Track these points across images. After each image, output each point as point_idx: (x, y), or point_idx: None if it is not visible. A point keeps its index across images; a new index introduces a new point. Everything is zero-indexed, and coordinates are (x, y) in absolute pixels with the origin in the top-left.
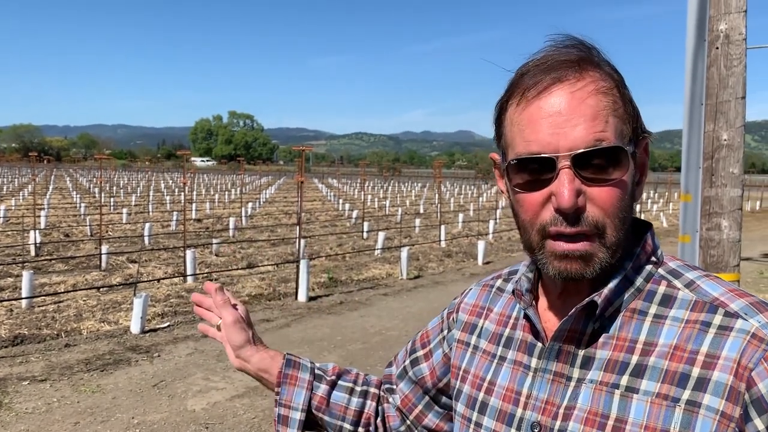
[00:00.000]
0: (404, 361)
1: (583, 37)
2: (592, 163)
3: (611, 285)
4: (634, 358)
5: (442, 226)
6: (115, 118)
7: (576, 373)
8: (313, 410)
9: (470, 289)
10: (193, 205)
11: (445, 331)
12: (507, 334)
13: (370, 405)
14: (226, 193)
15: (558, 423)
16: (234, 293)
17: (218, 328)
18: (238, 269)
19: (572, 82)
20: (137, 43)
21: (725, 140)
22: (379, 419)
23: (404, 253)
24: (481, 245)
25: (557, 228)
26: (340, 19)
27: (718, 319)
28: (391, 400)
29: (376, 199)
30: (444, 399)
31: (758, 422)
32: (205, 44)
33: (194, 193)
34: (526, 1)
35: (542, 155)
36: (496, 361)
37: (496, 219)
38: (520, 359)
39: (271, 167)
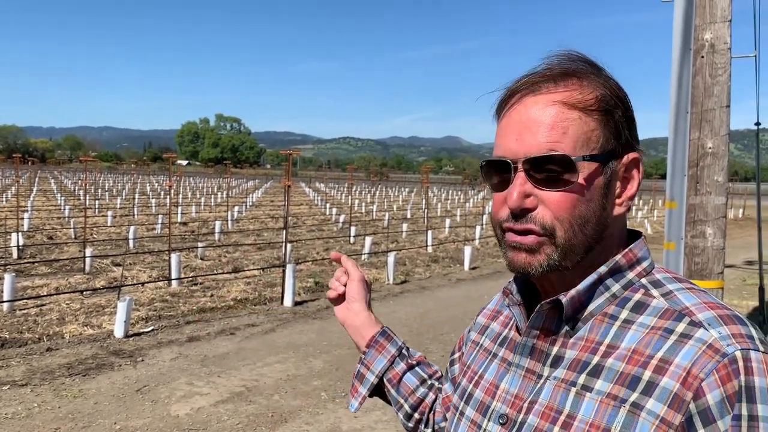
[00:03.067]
0: (447, 365)
1: (577, 53)
2: (545, 169)
3: (580, 286)
4: (595, 359)
5: (429, 232)
6: (101, 120)
7: (546, 371)
8: (385, 380)
9: (496, 296)
10: (179, 208)
11: (470, 332)
12: (504, 333)
13: (431, 397)
14: (213, 196)
15: (521, 416)
16: (219, 297)
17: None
18: (223, 273)
19: (543, 93)
20: (124, 44)
21: (710, 148)
22: (430, 412)
23: (391, 258)
24: (467, 250)
25: (508, 224)
26: (328, 25)
27: (681, 327)
28: (439, 398)
29: (363, 204)
30: None
31: None
32: (193, 47)
33: (180, 196)
34: (513, 11)
35: (502, 158)
36: (489, 357)
37: (482, 224)
38: (506, 356)
39: (258, 171)
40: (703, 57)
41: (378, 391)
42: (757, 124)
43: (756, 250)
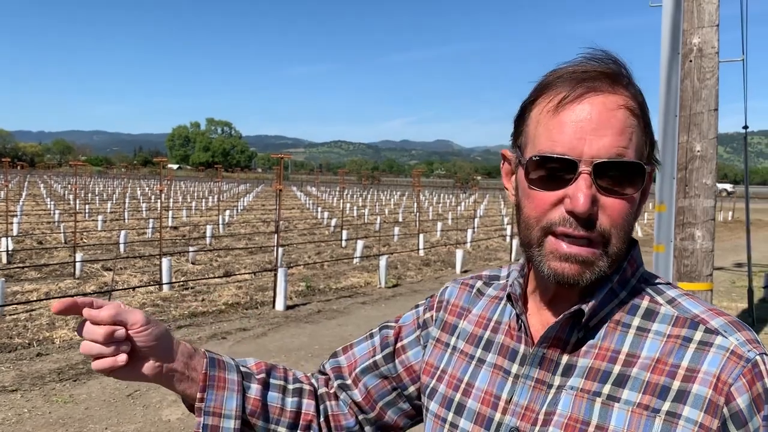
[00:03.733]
0: (373, 356)
1: (615, 54)
2: (609, 175)
3: (598, 295)
4: (617, 368)
5: (421, 235)
6: (92, 124)
7: (557, 380)
8: (248, 415)
9: (446, 287)
10: (170, 212)
11: (421, 329)
12: (487, 336)
13: (309, 404)
14: (204, 200)
15: (537, 428)
16: (210, 302)
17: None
18: (214, 277)
19: (606, 94)
20: (115, 48)
21: (698, 151)
22: (322, 419)
23: (383, 261)
24: (459, 254)
25: (565, 229)
26: (319, 29)
27: (698, 335)
28: (342, 397)
29: (355, 208)
30: (416, 398)
31: None
32: (183, 51)
33: (171, 200)
34: (504, 14)
35: (565, 156)
36: (474, 362)
37: (474, 228)
38: (501, 363)
39: (249, 175)
40: (691, 61)
41: None
42: (745, 127)
43: (745, 252)
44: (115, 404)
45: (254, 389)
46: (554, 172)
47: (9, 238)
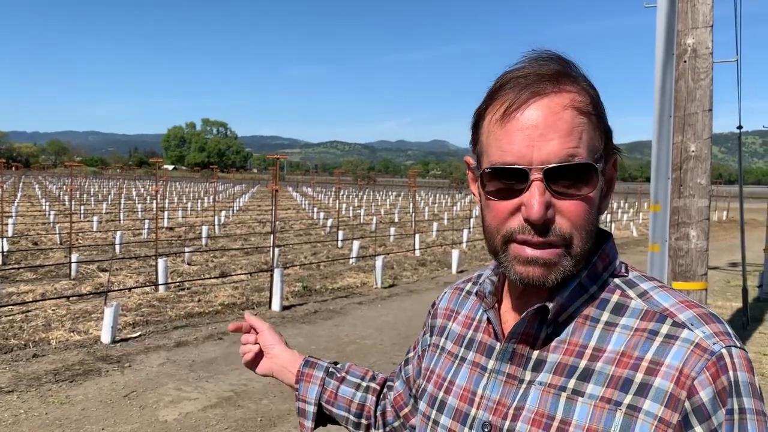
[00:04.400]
0: (402, 362)
1: (560, 52)
2: (563, 177)
3: (565, 292)
4: (583, 363)
5: (417, 235)
6: (87, 124)
7: (528, 375)
8: (323, 404)
9: (445, 293)
10: (165, 213)
11: (425, 335)
12: (469, 335)
13: (371, 399)
14: (199, 201)
15: (507, 423)
16: (207, 302)
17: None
18: (210, 278)
19: (550, 96)
20: (110, 49)
21: (693, 151)
22: (378, 412)
23: (379, 261)
24: (455, 254)
25: (524, 236)
26: (314, 29)
27: (665, 328)
28: (389, 396)
29: (350, 208)
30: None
31: (699, 429)
32: (178, 52)
33: (166, 201)
34: (502, 15)
35: (516, 166)
36: (457, 361)
37: (470, 228)
38: (478, 360)
39: (244, 175)
40: (685, 62)
41: (327, 418)
42: (740, 127)
43: (739, 251)
44: (112, 405)
45: (332, 384)
46: (508, 181)
47: (4, 239)
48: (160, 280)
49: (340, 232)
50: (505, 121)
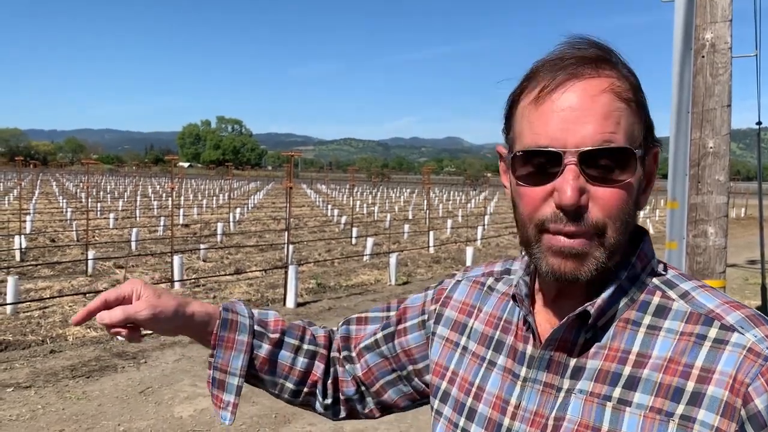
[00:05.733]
0: (374, 334)
1: (599, 39)
2: (598, 163)
3: (605, 295)
4: (627, 370)
5: (431, 232)
6: (103, 122)
7: (566, 383)
8: (256, 371)
9: (458, 282)
10: (181, 210)
11: (426, 317)
12: (497, 337)
13: (318, 366)
14: (214, 198)
15: None
16: (222, 299)
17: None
18: (225, 275)
19: (587, 79)
20: (125, 47)
21: (711, 148)
22: (329, 381)
23: (393, 258)
24: (469, 251)
25: (556, 225)
26: (329, 26)
27: (713, 332)
28: (347, 367)
29: (365, 205)
30: (416, 381)
31: None
32: (193, 49)
33: (182, 198)
34: (516, 12)
35: (549, 149)
36: (485, 365)
37: (484, 225)
38: (510, 366)
39: (259, 172)
40: (703, 57)
41: (247, 382)
42: (759, 123)
43: (758, 249)
44: (128, 401)
45: (264, 349)
46: (540, 166)
47: (22, 236)
48: (176, 277)
49: (354, 229)
50: (540, 103)
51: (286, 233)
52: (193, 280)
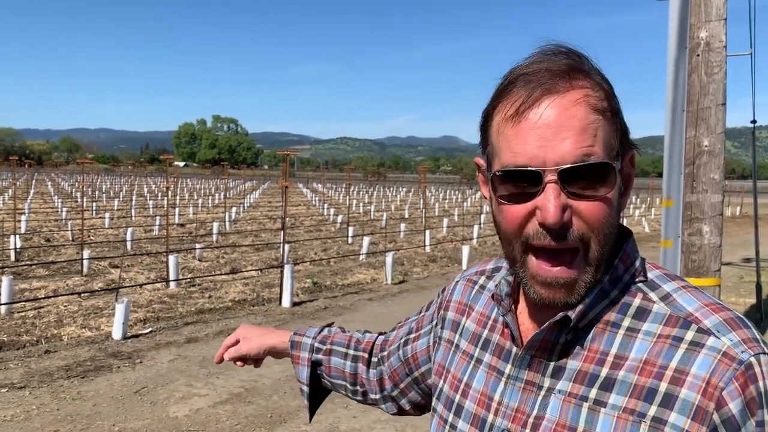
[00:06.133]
0: (400, 339)
1: (571, 45)
2: (579, 178)
3: (587, 300)
4: (604, 371)
5: (427, 231)
6: (98, 121)
7: (546, 382)
8: (322, 379)
9: (456, 282)
10: (176, 209)
11: (435, 322)
12: (485, 335)
13: (362, 368)
14: (210, 197)
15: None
16: (217, 298)
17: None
18: (221, 274)
19: (562, 93)
20: (122, 46)
21: (706, 146)
22: (374, 380)
23: (389, 258)
24: (465, 250)
25: (541, 242)
26: (325, 25)
27: (690, 335)
28: (383, 368)
29: (361, 204)
30: (423, 384)
31: None
32: (190, 48)
33: (177, 197)
34: (513, 10)
35: (528, 168)
36: (473, 363)
37: (480, 224)
38: (495, 364)
39: (255, 171)
40: (698, 55)
41: (328, 389)
42: (753, 121)
43: (753, 247)
44: (123, 401)
45: (323, 359)
46: (521, 184)
47: (17, 236)
48: (171, 277)
49: (350, 228)
50: (516, 121)
51: (282, 232)
52: (188, 280)
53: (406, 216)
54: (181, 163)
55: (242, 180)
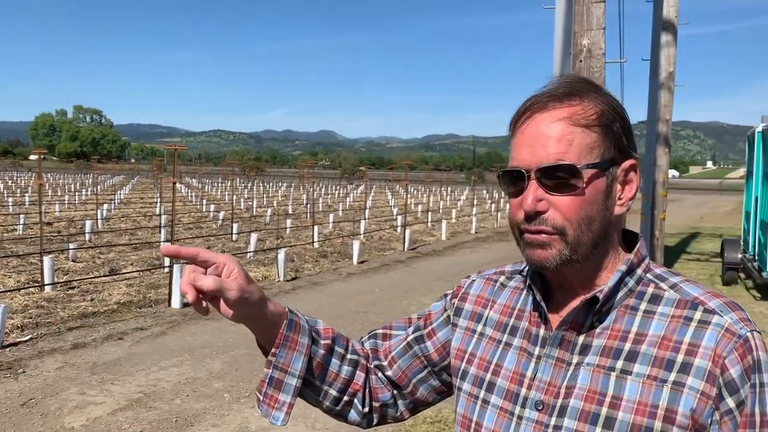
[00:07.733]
0: (404, 340)
1: (581, 77)
2: (553, 177)
3: (611, 283)
4: (627, 345)
5: (315, 227)
6: None
7: (575, 358)
8: (309, 374)
9: (473, 281)
10: (41, 206)
11: (450, 312)
12: (512, 323)
13: (360, 376)
14: (77, 193)
15: (560, 401)
16: (101, 301)
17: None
18: (101, 276)
19: (549, 110)
20: None
21: None
22: (367, 390)
23: (281, 255)
24: (356, 245)
25: (524, 225)
26: (194, 12)
27: (698, 314)
28: (380, 374)
29: (241, 200)
30: (444, 375)
31: (729, 401)
32: (46, 33)
33: (40, 193)
34: (389, 7)
35: (517, 169)
36: (501, 346)
37: (366, 219)
38: (525, 347)
39: (123, 165)
40: (581, 61)
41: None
42: None
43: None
44: (9, 415)
45: (320, 354)
46: (515, 182)
47: None
48: (46, 280)
49: (234, 225)
50: (517, 133)
51: (165, 230)
52: (65, 283)
53: (291, 212)
54: (35, 157)
55: (110, 174)
